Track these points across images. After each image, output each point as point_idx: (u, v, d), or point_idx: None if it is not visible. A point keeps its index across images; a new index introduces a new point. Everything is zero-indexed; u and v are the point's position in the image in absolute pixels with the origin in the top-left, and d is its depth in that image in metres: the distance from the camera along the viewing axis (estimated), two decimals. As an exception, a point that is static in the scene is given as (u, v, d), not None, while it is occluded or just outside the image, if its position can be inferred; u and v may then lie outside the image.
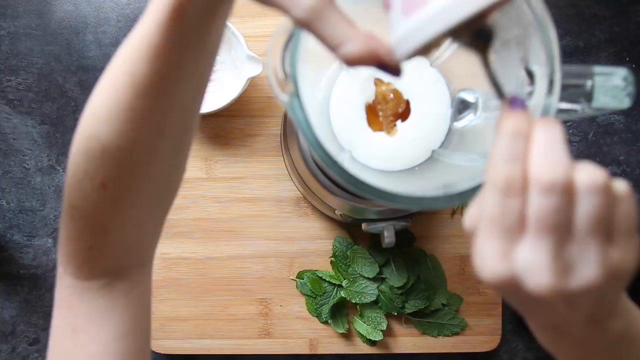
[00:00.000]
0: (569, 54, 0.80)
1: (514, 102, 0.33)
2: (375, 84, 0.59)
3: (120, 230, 0.42)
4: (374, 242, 0.77)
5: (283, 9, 0.33)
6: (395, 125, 0.59)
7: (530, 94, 0.46)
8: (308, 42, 0.46)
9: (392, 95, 0.59)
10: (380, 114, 0.59)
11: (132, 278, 0.45)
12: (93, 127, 0.38)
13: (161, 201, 0.44)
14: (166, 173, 0.42)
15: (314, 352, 0.78)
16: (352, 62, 0.33)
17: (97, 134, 0.38)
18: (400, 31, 0.33)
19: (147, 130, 0.38)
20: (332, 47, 0.33)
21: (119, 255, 0.43)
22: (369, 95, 0.59)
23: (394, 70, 0.34)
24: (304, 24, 0.33)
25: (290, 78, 0.43)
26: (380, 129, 0.59)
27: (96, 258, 0.43)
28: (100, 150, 0.38)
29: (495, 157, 0.31)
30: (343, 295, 0.75)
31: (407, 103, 0.59)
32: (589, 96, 0.44)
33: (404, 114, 0.59)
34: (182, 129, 0.41)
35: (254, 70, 0.71)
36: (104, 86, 0.38)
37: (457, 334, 0.77)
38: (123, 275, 0.44)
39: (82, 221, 0.41)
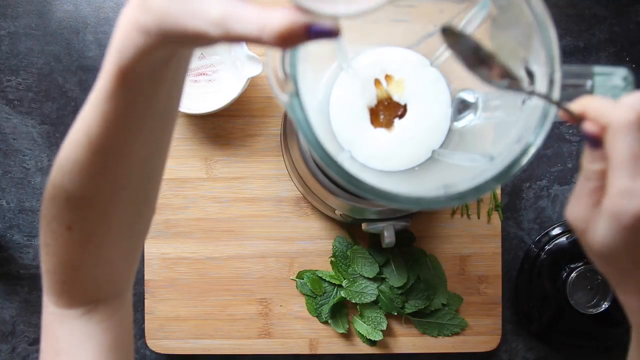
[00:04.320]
0: (569, 54, 0.80)
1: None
2: (375, 84, 0.59)
3: (91, 268, 0.45)
4: (374, 242, 0.77)
5: (196, 35, 0.33)
6: (393, 121, 0.59)
7: (530, 94, 0.46)
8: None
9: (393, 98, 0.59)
10: (382, 117, 0.59)
11: (110, 306, 0.48)
12: (58, 178, 0.42)
13: (129, 240, 0.47)
14: (130, 217, 0.45)
15: (313, 352, 0.78)
16: (281, 42, 0.31)
17: (62, 184, 0.42)
18: None
19: (105, 183, 0.41)
20: (256, 40, 0.32)
21: (93, 290, 0.47)
22: (369, 95, 0.59)
23: (328, 32, 0.32)
24: (221, 39, 0.32)
25: (290, 78, 0.43)
26: (381, 126, 0.59)
27: (71, 291, 0.46)
28: (65, 198, 0.42)
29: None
30: (343, 295, 0.75)
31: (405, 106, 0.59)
32: (589, 96, 0.44)
33: (402, 113, 0.59)
34: (143, 180, 0.44)
35: (254, 70, 0.71)
36: (68, 142, 0.41)
37: (457, 334, 0.77)
38: (100, 304, 0.47)
39: (54, 258, 0.44)
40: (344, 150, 0.58)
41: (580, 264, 0.73)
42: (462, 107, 0.57)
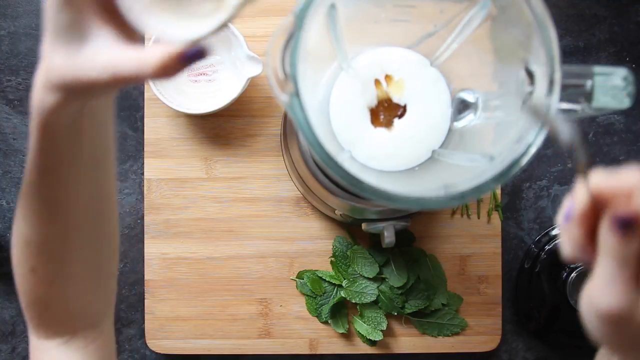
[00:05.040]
0: (569, 54, 0.80)
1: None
2: (375, 84, 0.59)
3: (61, 304, 0.49)
4: (374, 242, 0.77)
5: (90, 84, 0.36)
6: (392, 121, 0.59)
7: (530, 94, 0.46)
8: (308, 43, 0.46)
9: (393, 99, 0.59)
10: (382, 117, 0.59)
11: (88, 336, 0.51)
12: (17, 224, 0.46)
13: (96, 276, 0.50)
14: (90, 255, 0.48)
15: (313, 352, 0.78)
16: (163, 74, 0.35)
17: (20, 230, 0.46)
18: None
19: (56, 228, 0.45)
20: (141, 77, 0.35)
21: (67, 322, 0.50)
22: (370, 95, 0.59)
23: (200, 54, 0.35)
24: (113, 84, 0.36)
25: (290, 78, 0.43)
26: (381, 125, 0.59)
27: (46, 325, 0.50)
28: (24, 243, 0.46)
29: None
30: (343, 295, 0.75)
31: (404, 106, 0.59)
32: (589, 96, 0.44)
33: (402, 113, 0.59)
34: (92, 221, 0.47)
35: (254, 70, 0.71)
36: (21, 192, 0.45)
37: (457, 334, 0.77)
38: (78, 333, 0.51)
39: (26, 297, 0.49)
40: (344, 150, 0.58)
41: (580, 264, 0.73)
42: (462, 107, 0.57)
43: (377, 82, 0.59)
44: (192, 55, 0.35)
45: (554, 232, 0.77)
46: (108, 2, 0.37)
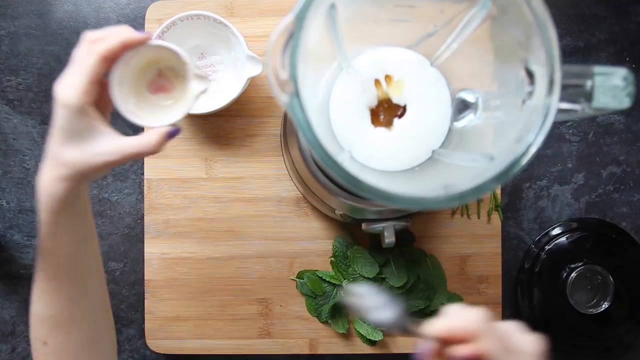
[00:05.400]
0: (569, 54, 0.80)
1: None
2: (375, 84, 0.59)
3: None
4: (374, 242, 0.77)
5: (106, 165, 0.51)
6: (392, 120, 0.59)
7: (530, 94, 0.46)
8: (308, 43, 0.46)
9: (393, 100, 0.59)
10: (382, 117, 0.59)
11: None
12: (34, 306, 0.56)
13: (96, 350, 0.58)
14: (90, 328, 0.58)
15: (313, 352, 0.78)
16: (159, 149, 0.52)
17: (35, 310, 0.56)
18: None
19: (63, 302, 0.55)
20: (143, 153, 0.52)
21: None
22: (370, 95, 0.59)
23: (176, 132, 0.53)
24: (122, 161, 0.52)
25: (290, 78, 0.43)
26: (381, 125, 0.59)
27: None
28: (40, 320, 0.56)
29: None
30: (343, 295, 0.75)
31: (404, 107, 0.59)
32: (589, 96, 0.44)
33: (401, 113, 0.59)
34: (97, 291, 0.58)
35: (254, 70, 0.71)
36: (35, 276, 0.55)
37: (457, 334, 0.77)
38: None
39: None
40: (344, 150, 0.58)
41: (580, 264, 0.73)
42: (462, 107, 0.57)
43: (377, 82, 0.59)
44: (173, 132, 0.53)
45: (554, 232, 0.77)
46: (107, 111, 0.54)
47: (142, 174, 0.79)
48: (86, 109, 0.49)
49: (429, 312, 0.76)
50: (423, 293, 0.76)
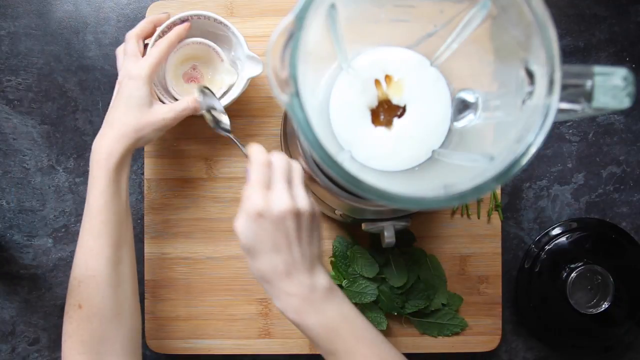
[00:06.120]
0: (569, 54, 0.80)
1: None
2: (375, 85, 0.59)
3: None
4: (374, 242, 0.77)
5: (165, 124, 0.68)
6: (392, 120, 0.59)
7: (530, 94, 0.46)
8: (308, 43, 0.46)
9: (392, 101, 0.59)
10: (382, 117, 0.59)
11: None
12: (74, 270, 0.63)
13: (124, 322, 0.63)
14: (123, 295, 0.63)
15: (313, 352, 0.78)
16: (195, 109, 0.70)
17: (75, 274, 0.63)
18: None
19: (104, 262, 0.62)
20: (188, 111, 0.69)
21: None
22: (370, 95, 0.59)
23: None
24: (175, 120, 0.69)
25: (290, 78, 0.43)
26: (381, 124, 0.59)
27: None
28: (79, 283, 0.62)
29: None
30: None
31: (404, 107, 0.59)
32: (589, 96, 0.44)
33: (401, 113, 0.59)
34: (131, 262, 0.66)
35: (254, 70, 0.71)
36: (82, 237, 0.64)
37: (457, 334, 0.77)
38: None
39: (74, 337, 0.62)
40: (344, 150, 0.58)
41: (580, 264, 0.73)
42: (462, 107, 0.57)
43: (377, 82, 0.59)
44: (199, 104, 0.69)
45: (554, 232, 0.77)
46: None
47: (142, 174, 0.79)
48: (150, 82, 0.66)
49: (429, 312, 0.76)
50: (423, 293, 0.76)
